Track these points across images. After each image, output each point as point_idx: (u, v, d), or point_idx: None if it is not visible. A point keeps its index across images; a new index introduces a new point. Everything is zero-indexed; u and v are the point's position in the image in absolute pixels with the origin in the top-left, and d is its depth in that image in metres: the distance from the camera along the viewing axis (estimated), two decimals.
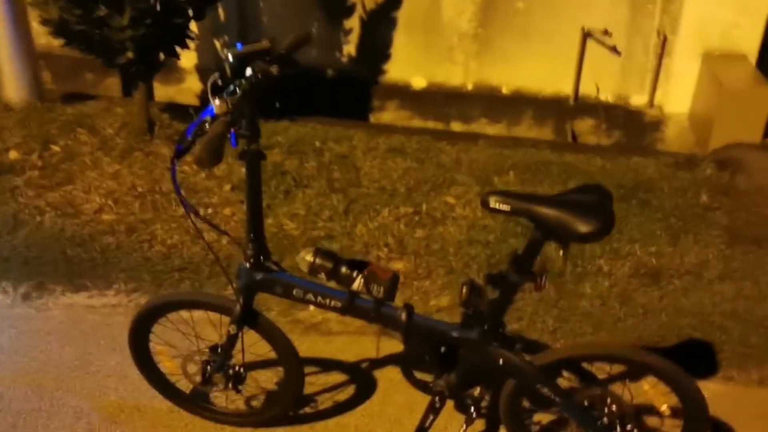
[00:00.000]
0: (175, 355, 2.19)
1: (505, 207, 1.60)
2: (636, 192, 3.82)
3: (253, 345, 2.08)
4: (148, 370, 2.21)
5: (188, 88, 5.74)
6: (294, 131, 4.45)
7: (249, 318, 1.95)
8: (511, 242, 3.32)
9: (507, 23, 5.16)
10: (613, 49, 5.03)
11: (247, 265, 1.86)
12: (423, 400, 2.33)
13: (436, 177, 3.96)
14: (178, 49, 4.07)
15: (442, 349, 1.90)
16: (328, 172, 3.97)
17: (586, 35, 5.01)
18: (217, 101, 1.54)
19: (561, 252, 1.63)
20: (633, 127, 5.16)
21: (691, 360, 2.59)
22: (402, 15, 5.23)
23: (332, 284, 1.84)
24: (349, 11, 5.38)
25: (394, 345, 2.64)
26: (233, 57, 1.68)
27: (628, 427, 1.87)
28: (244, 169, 1.81)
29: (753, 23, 4.58)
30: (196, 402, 2.27)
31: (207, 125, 1.57)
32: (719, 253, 3.22)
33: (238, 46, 1.69)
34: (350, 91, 5.47)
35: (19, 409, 2.31)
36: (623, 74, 5.11)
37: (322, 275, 1.79)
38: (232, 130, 1.61)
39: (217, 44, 5.54)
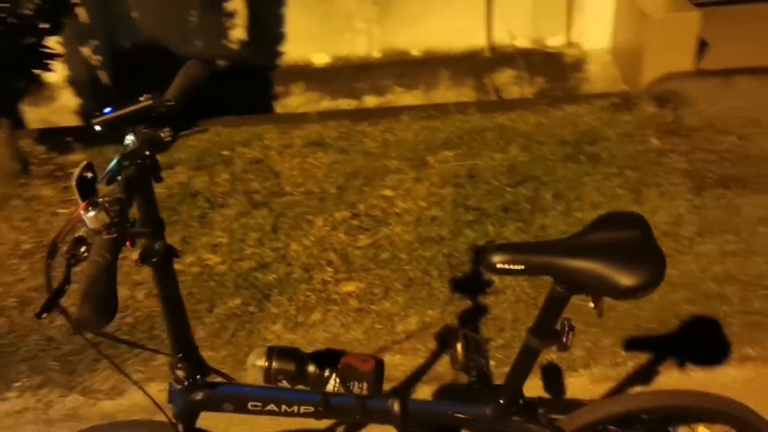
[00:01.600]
0: None
1: (518, 267, 1.19)
2: (581, 146, 3.53)
3: None
4: None
5: (63, 106, 5.05)
6: (195, 142, 3.90)
7: None
8: (467, 233, 2.97)
9: None
10: None
11: (179, 386, 1.39)
12: None
13: (365, 168, 3.54)
14: (38, 72, 3.43)
15: None
16: (244, 184, 3.48)
17: None
18: (91, 212, 1.03)
19: (594, 308, 1.25)
20: (554, 70, 4.86)
21: (701, 344, 2.31)
22: None
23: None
24: None
25: None
26: (102, 128, 1.18)
27: None
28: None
29: None
30: None
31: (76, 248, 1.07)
32: (689, 205, 2.96)
33: (107, 111, 1.19)
34: (248, 81, 4.92)
35: None
36: (535, 15, 4.78)
37: (285, 383, 1.35)
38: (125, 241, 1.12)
39: (86, 51, 4.86)
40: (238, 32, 4.92)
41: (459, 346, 1.52)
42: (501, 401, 1.41)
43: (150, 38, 4.97)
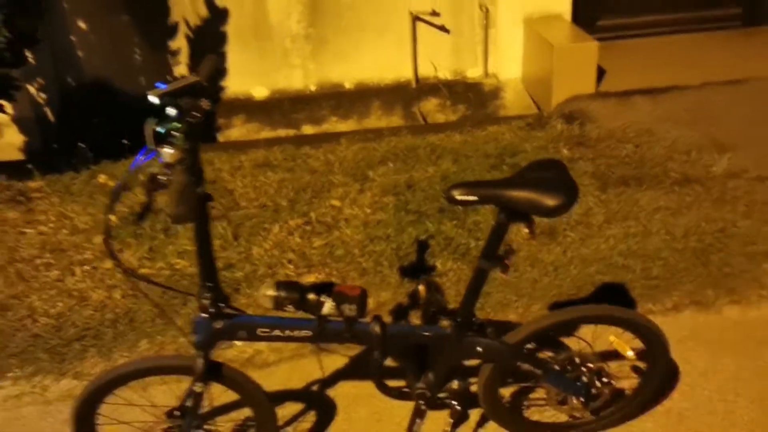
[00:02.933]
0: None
1: (472, 197, 1.60)
2: (503, 158, 3.99)
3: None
4: None
5: (8, 144, 5.18)
6: (148, 166, 4.16)
7: (212, 372, 1.80)
8: (410, 231, 3.35)
9: (337, 19, 5.18)
10: (442, 28, 5.22)
11: (205, 315, 1.71)
12: (386, 407, 2.32)
13: (313, 183, 3.89)
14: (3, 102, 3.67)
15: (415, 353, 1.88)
16: None
17: (416, 19, 5.15)
18: (168, 149, 1.39)
19: (528, 232, 1.66)
20: (474, 98, 5.38)
21: (612, 303, 2.75)
22: (230, 26, 5.07)
23: (296, 315, 1.75)
24: (173, 32, 5.13)
25: (335, 360, 2.59)
26: (159, 99, 1.52)
27: (603, 380, 1.96)
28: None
29: None
30: None
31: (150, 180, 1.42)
32: (597, 200, 3.45)
33: (160, 85, 1.54)
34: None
35: None
36: (456, 50, 5.32)
37: (290, 308, 1.69)
38: (161, 181, 1.46)
39: (32, 89, 5.05)
40: (181, 69, 5.24)
41: (421, 288, 1.90)
42: (458, 320, 1.79)
43: (95, 76, 5.23)
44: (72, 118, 5.16)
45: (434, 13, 5.08)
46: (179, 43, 5.15)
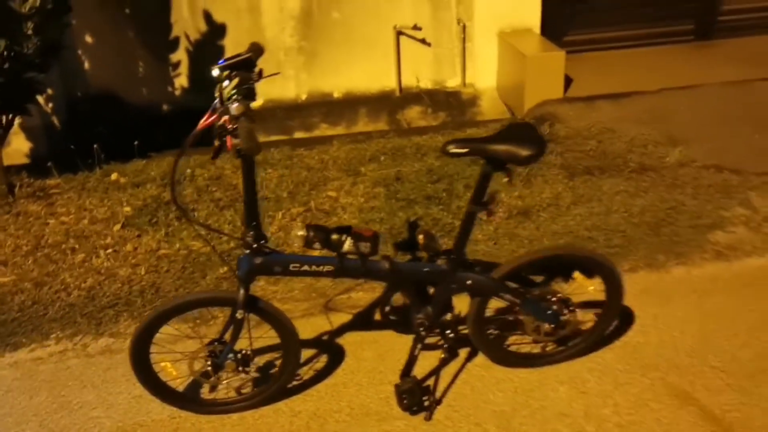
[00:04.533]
0: (179, 359, 2.36)
1: (463, 150, 2.02)
2: None
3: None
4: (151, 381, 2.35)
5: (16, 150, 5.51)
6: (155, 166, 4.56)
7: (251, 303, 2.19)
8: (400, 215, 3.76)
9: (327, 33, 5.62)
10: (424, 42, 5.69)
11: (247, 252, 2.10)
12: (388, 349, 2.72)
13: (310, 178, 4.30)
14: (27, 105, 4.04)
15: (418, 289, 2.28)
16: (209, 194, 4.15)
17: (399, 33, 5.62)
18: (235, 105, 1.82)
19: (507, 179, 2.09)
20: (453, 106, 5.84)
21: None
22: (228, 40, 5.48)
23: (319, 254, 2.15)
24: (174, 46, 5.53)
25: (341, 316, 2.98)
26: (219, 70, 1.93)
27: (570, 308, 2.39)
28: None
29: (532, 1, 5.44)
30: (197, 401, 2.45)
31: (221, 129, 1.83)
32: (565, 186, 3.90)
33: (221, 62, 1.95)
34: (190, 122, 5.58)
35: None
36: (437, 62, 5.79)
37: (317, 245, 2.09)
38: (228, 130, 1.88)
39: (41, 99, 5.40)
40: (181, 80, 5.64)
41: (421, 237, 2.31)
42: (452, 257, 2.20)
43: (101, 87, 5.61)
44: (78, 126, 5.52)
45: (416, 28, 5.55)
46: (180, 55, 5.55)
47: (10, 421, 2.52)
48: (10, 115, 4.02)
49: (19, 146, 5.54)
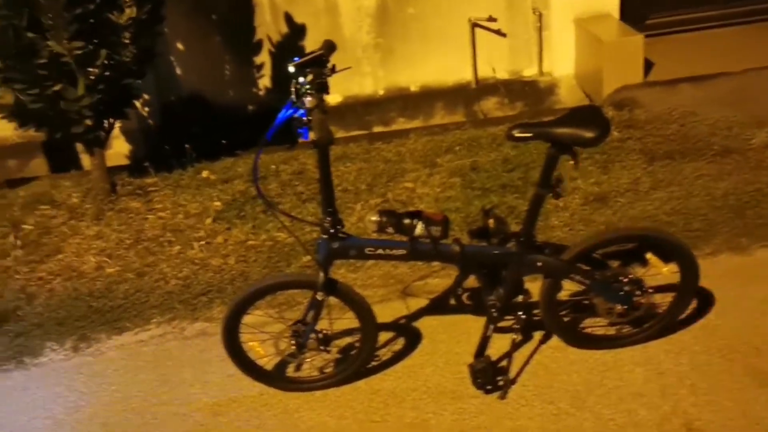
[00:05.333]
0: (266, 339, 2.53)
1: (528, 134, 2.09)
2: None
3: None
4: (242, 360, 2.53)
5: (117, 153, 5.87)
6: (242, 163, 4.80)
7: (330, 286, 2.33)
8: (476, 204, 3.83)
9: (403, 29, 5.73)
10: (499, 32, 5.70)
11: (325, 237, 2.25)
12: (463, 332, 2.81)
13: (387, 170, 4.42)
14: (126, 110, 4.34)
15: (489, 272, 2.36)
16: (291, 188, 4.35)
17: (474, 25, 5.66)
18: (309, 98, 1.96)
19: (572, 162, 2.14)
20: (531, 96, 5.83)
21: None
22: (308, 40, 5.68)
23: (391, 239, 2.26)
24: (258, 48, 5.78)
25: (418, 301, 3.09)
26: (294, 68, 2.08)
27: (643, 290, 2.41)
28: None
29: None
30: (284, 378, 2.62)
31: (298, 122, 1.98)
32: (644, 171, 3.86)
33: (295, 59, 2.10)
34: (272, 121, 5.85)
35: (128, 429, 2.58)
36: (512, 52, 5.79)
37: (390, 230, 2.21)
38: (304, 122, 2.02)
39: (137, 104, 5.76)
40: (264, 81, 5.88)
41: (491, 221, 2.38)
42: (521, 239, 2.27)
43: (192, 91, 5.93)
44: (172, 128, 5.86)
45: (491, 19, 5.58)
46: (263, 57, 5.79)
47: (118, 396, 2.77)
48: (111, 120, 4.33)
49: (119, 149, 5.93)
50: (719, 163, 3.83)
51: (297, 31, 5.69)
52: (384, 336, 2.85)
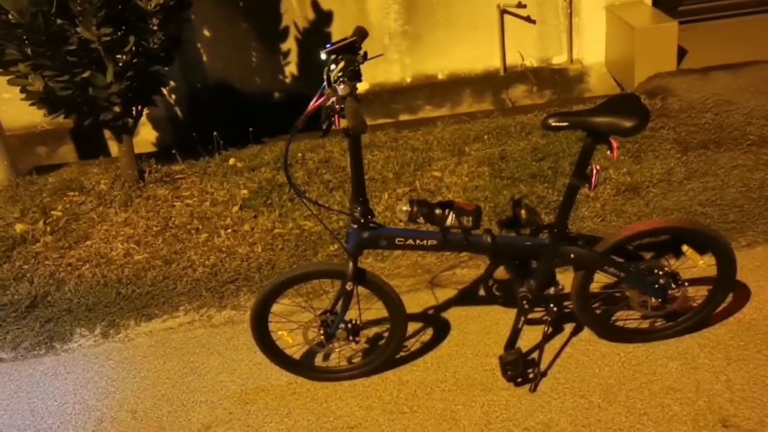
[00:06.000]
0: (295, 329, 2.52)
1: (564, 123, 2.04)
2: None
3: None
4: (270, 349, 2.53)
5: (144, 140, 5.94)
6: (269, 151, 4.79)
7: (360, 276, 2.31)
8: (505, 193, 3.77)
9: (430, 16, 5.67)
10: (528, 19, 5.62)
11: (355, 226, 2.22)
12: (492, 323, 2.77)
13: (415, 159, 4.38)
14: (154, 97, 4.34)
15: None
16: (318, 177, 4.32)
17: (503, 12, 5.58)
18: (342, 86, 1.94)
19: (609, 152, 2.08)
20: (560, 84, 5.75)
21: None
22: (334, 27, 5.65)
23: (422, 228, 2.23)
24: (284, 35, 5.75)
25: (446, 292, 3.06)
26: (326, 54, 2.05)
27: (678, 283, 2.35)
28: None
29: None
30: (312, 368, 2.61)
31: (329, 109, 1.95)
32: (678, 161, 3.78)
33: (327, 46, 2.07)
34: (300, 108, 5.81)
35: (156, 415, 2.58)
36: (542, 39, 5.71)
37: (421, 219, 2.17)
38: (336, 110, 2.00)
39: (164, 91, 5.77)
40: (291, 68, 5.86)
41: (523, 212, 2.34)
42: (554, 231, 2.23)
43: (218, 78, 5.93)
44: (199, 116, 5.87)
45: (520, 5, 5.49)
46: (289, 44, 5.77)
47: (147, 383, 2.78)
48: (139, 107, 4.34)
49: (146, 136, 5.98)
50: (755, 153, 3.74)
51: (323, 17, 5.66)
52: (412, 326, 2.83)
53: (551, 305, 2.38)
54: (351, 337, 2.42)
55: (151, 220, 4.07)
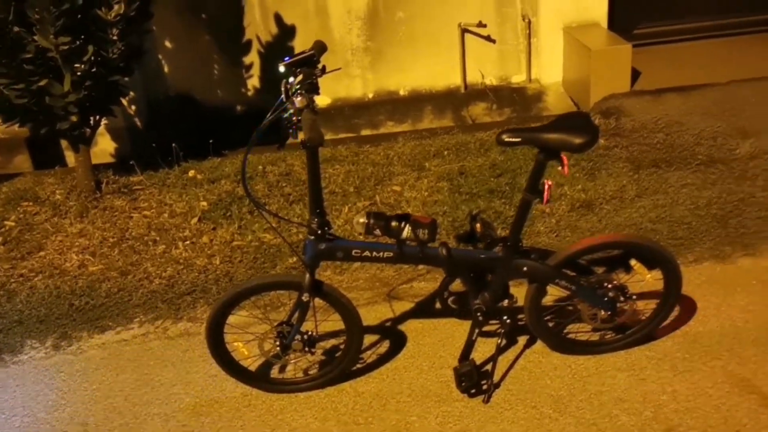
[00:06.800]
0: (251, 340, 2.52)
1: (517, 139, 2.10)
2: None
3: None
4: (225, 360, 2.52)
5: (102, 150, 5.86)
6: (229, 164, 4.78)
7: (316, 287, 2.32)
8: (463, 208, 3.84)
9: (393, 33, 5.74)
10: (488, 39, 5.73)
11: (312, 238, 2.24)
12: (447, 335, 2.81)
13: (375, 173, 4.42)
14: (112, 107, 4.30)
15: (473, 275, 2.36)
16: (279, 189, 4.33)
17: (464, 31, 5.68)
18: (299, 98, 1.96)
19: (560, 167, 2.14)
20: (519, 102, 5.86)
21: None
22: (297, 41, 5.68)
23: (378, 241, 2.26)
24: (247, 48, 5.76)
25: (403, 304, 3.09)
26: (284, 67, 2.07)
27: (626, 296, 2.42)
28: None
29: None
30: (268, 380, 2.60)
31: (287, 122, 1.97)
32: (630, 179, 3.89)
33: (286, 59, 2.09)
34: (261, 122, 5.83)
35: (108, 428, 2.55)
36: (501, 58, 5.82)
37: (378, 232, 2.20)
38: (293, 122, 2.02)
39: (124, 102, 5.72)
40: (253, 81, 5.86)
41: (478, 226, 2.39)
42: (508, 244, 2.28)
43: (180, 90, 5.90)
44: (159, 127, 5.82)
45: (481, 25, 5.60)
46: (252, 57, 5.78)
47: (99, 395, 2.74)
48: (97, 117, 4.30)
49: (105, 146, 5.90)
50: (704, 172, 3.86)
51: (287, 31, 5.68)
52: (369, 338, 2.85)
53: (505, 318, 2.43)
54: (307, 349, 2.42)
55: (108, 231, 4.02)
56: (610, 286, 2.40)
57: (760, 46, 5.60)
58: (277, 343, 2.41)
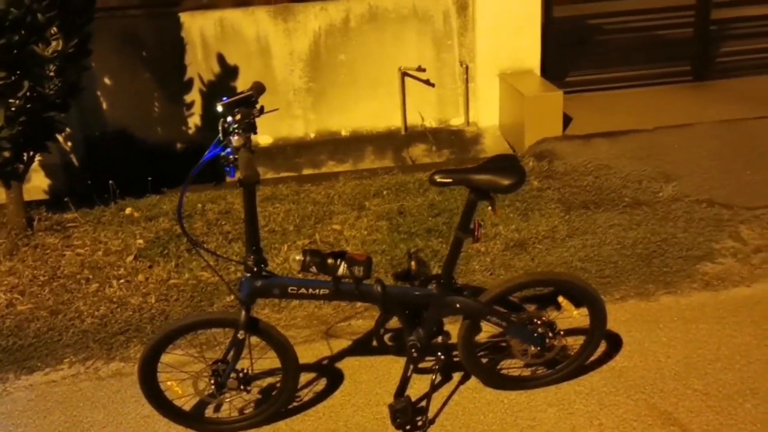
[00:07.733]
0: (185, 378, 2.49)
1: (448, 180, 2.18)
2: None
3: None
4: (158, 400, 2.48)
5: (35, 187, 5.72)
6: (168, 201, 4.75)
7: (252, 325, 2.33)
8: (401, 247, 3.90)
9: (334, 75, 5.85)
10: (428, 82, 5.90)
11: (249, 275, 2.25)
12: (384, 372, 2.84)
13: (316, 212, 4.46)
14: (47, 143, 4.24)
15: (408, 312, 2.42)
16: (218, 228, 4.32)
17: (404, 74, 5.84)
18: (236, 137, 1.99)
19: (490, 208, 2.23)
20: (457, 144, 6.02)
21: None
22: (239, 81, 5.72)
23: (315, 278, 2.29)
24: (188, 87, 5.77)
25: (341, 342, 3.11)
26: (222, 107, 2.11)
27: (555, 332, 2.51)
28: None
29: (532, 43, 5.65)
30: (203, 420, 2.57)
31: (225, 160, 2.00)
32: (561, 220, 4.04)
33: (224, 99, 2.13)
34: (200, 159, 5.82)
35: None
36: (440, 102, 5.99)
37: (314, 269, 2.23)
38: (231, 161, 2.05)
39: (60, 137, 5.63)
40: (194, 119, 5.87)
41: (413, 263, 2.45)
42: (441, 281, 2.34)
43: (118, 127, 5.85)
44: (96, 164, 5.74)
45: (420, 69, 5.77)
46: (193, 95, 5.79)
47: None
48: (31, 153, 4.23)
49: (38, 182, 5.77)
50: (630, 213, 4.04)
51: (229, 71, 5.73)
52: (306, 376, 2.85)
53: (439, 354, 2.48)
54: (242, 387, 2.41)
55: (38, 270, 3.93)
56: (539, 322, 2.48)
57: (683, 95, 5.94)
58: (212, 381, 2.40)
